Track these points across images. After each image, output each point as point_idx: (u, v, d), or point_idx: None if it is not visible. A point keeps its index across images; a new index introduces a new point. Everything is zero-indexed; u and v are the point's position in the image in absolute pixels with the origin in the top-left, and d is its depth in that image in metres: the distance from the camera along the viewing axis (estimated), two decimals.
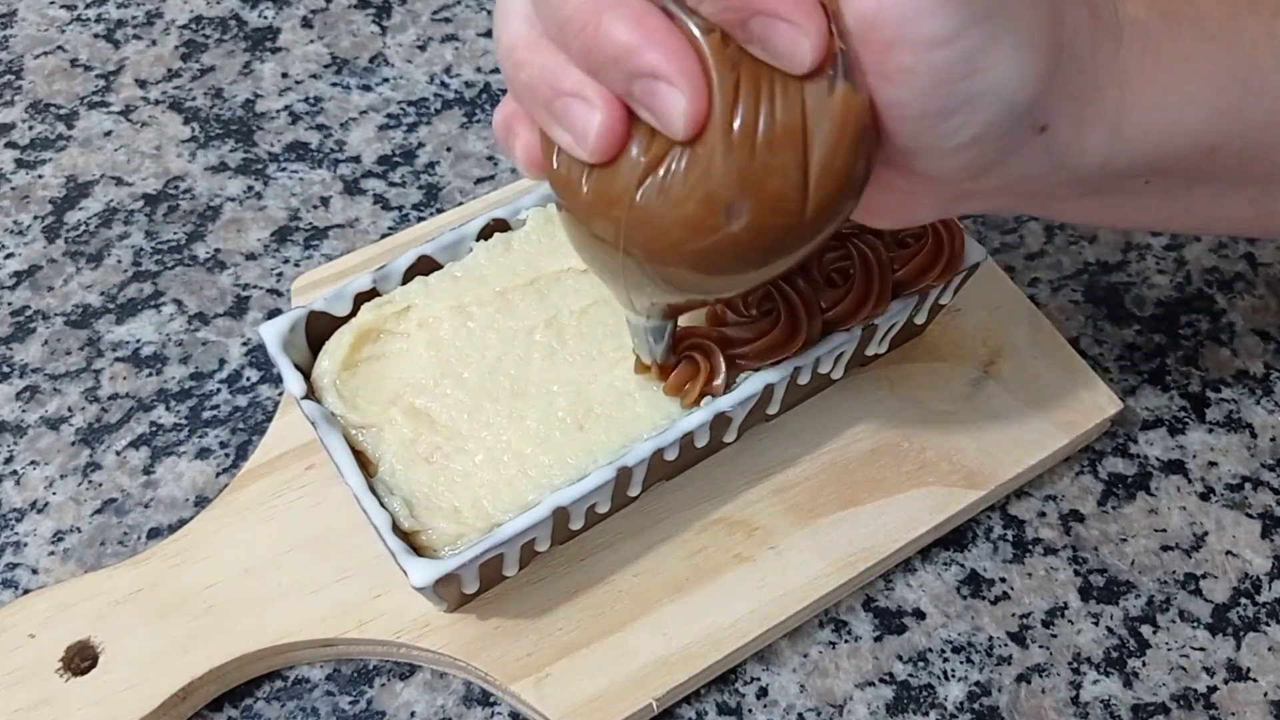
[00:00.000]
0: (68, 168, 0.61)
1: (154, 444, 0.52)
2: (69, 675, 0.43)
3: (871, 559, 0.47)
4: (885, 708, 0.46)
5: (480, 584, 0.43)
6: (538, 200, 0.49)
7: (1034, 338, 0.53)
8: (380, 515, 0.41)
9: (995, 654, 0.47)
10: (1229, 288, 0.58)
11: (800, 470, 0.49)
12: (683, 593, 0.46)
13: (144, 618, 0.45)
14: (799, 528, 0.47)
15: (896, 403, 0.51)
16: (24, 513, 0.50)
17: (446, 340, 0.45)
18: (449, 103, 0.64)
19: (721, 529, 0.47)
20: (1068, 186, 0.37)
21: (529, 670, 0.44)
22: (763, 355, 0.44)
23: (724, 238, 0.31)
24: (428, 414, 0.44)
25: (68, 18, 0.66)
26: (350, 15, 0.67)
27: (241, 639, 0.44)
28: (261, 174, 0.61)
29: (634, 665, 0.44)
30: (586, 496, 0.42)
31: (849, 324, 0.45)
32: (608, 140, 0.31)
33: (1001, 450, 0.50)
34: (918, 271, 0.46)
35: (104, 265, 0.57)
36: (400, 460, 0.43)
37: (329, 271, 0.54)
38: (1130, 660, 0.47)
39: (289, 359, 0.44)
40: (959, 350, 0.52)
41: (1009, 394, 0.51)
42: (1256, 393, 0.54)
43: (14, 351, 0.55)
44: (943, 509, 0.48)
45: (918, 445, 0.50)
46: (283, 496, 0.48)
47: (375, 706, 0.46)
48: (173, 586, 0.45)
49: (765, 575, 0.46)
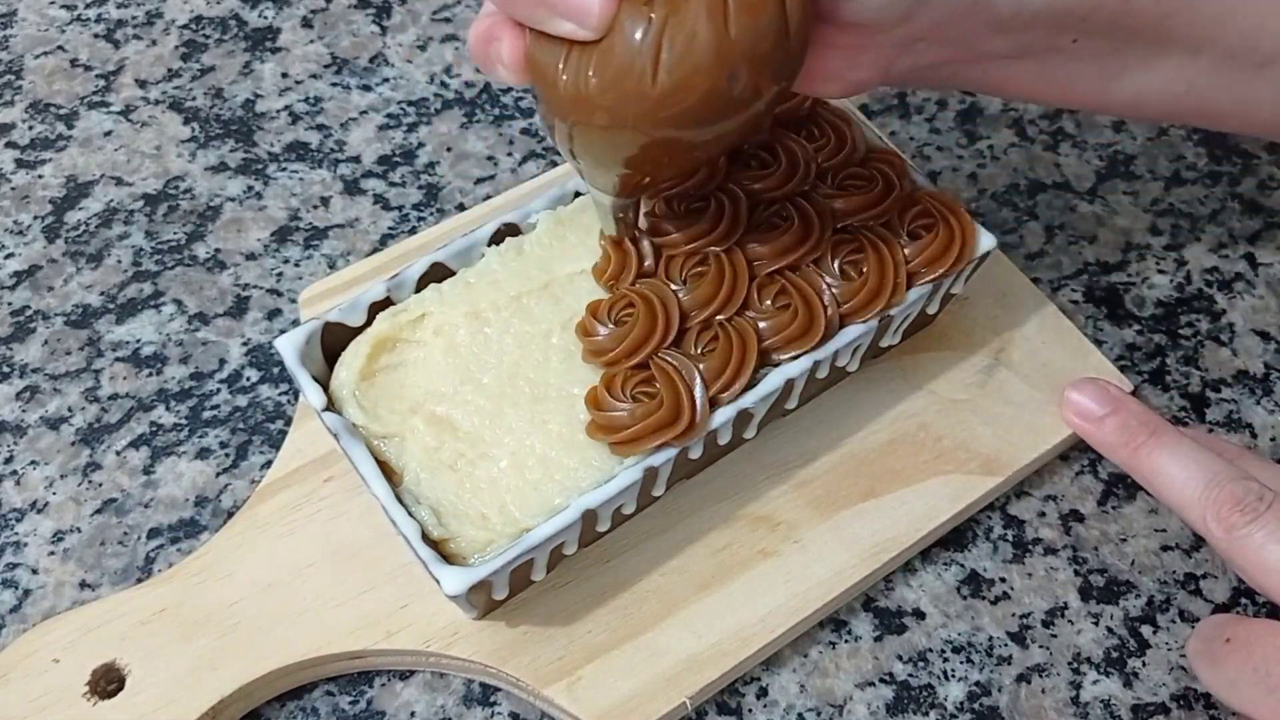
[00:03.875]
0: (68, 168, 0.60)
1: (154, 444, 0.52)
2: (96, 699, 0.43)
3: (895, 549, 0.47)
4: (885, 708, 0.46)
5: (510, 589, 0.43)
6: (548, 203, 0.49)
7: (1042, 323, 0.53)
8: (409, 525, 0.41)
9: (995, 654, 0.47)
10: (1229, 287, 0.58)
11: (820, 464, 0.49)
12: (710, 590, 0.46)
13: (170, 637, 0.44)
14: (821, 520, 0.48)
15: (911, 393, 0.51)
16: (24, 513, 0.50)
17: (464, 346, 0.45)
18: (449, 103, 0.63)
19: (745, 525, 0.47)
20: (996, 35, 0.40)
21: (561, 674, 0.44)
22: (781, 349, 0.45)
23: (723, 95, 0.36)
24: (449, 421, 0.44)
25: (68, 18, 0.66)
26: (350, 15, 0.67)
27: (269, 655, 0.44)
28: (261, 174, 0.60)
29: (665, 665, 0.44)
30: (614, 498, 0.42)
31: (865, 316, 0.46)
32: (608, 10, 0.35)
33: (1017, 436, 0.50)
34: (930, 261, 0.47)
35: (104, 265, 0.57)
36: (425, 469, 0.43)
37: (336, 281, 0.54)
38: (1130, 660, 0.47)
39: (307, 372, 0.44)
40: (969, 339, 0.53)
41: (1021, 380, 0.52)
42: (1256, 393, 0.55)
43: (14, 351, 0.54)
44: (962, 496, 0.48)
45: (934, 434, 0.50)
46: (302, 510, 0.47)
47: (375, 706, 0.46)
48: (196, 605, 0.45)
49: (791, 569, 0.46)
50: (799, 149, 0.49)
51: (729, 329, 0.44)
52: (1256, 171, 0.62)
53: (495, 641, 0.45)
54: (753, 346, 0.44)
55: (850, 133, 0.50)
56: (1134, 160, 0.62)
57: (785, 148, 0.49)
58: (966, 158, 0.62)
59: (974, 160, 0.62)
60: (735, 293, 0.45)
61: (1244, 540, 0.42)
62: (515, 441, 0.43)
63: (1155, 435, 0.46)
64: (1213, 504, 0.43)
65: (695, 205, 0.47)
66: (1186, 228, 0.60)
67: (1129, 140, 0.63)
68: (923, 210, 0.48)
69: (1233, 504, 0.42)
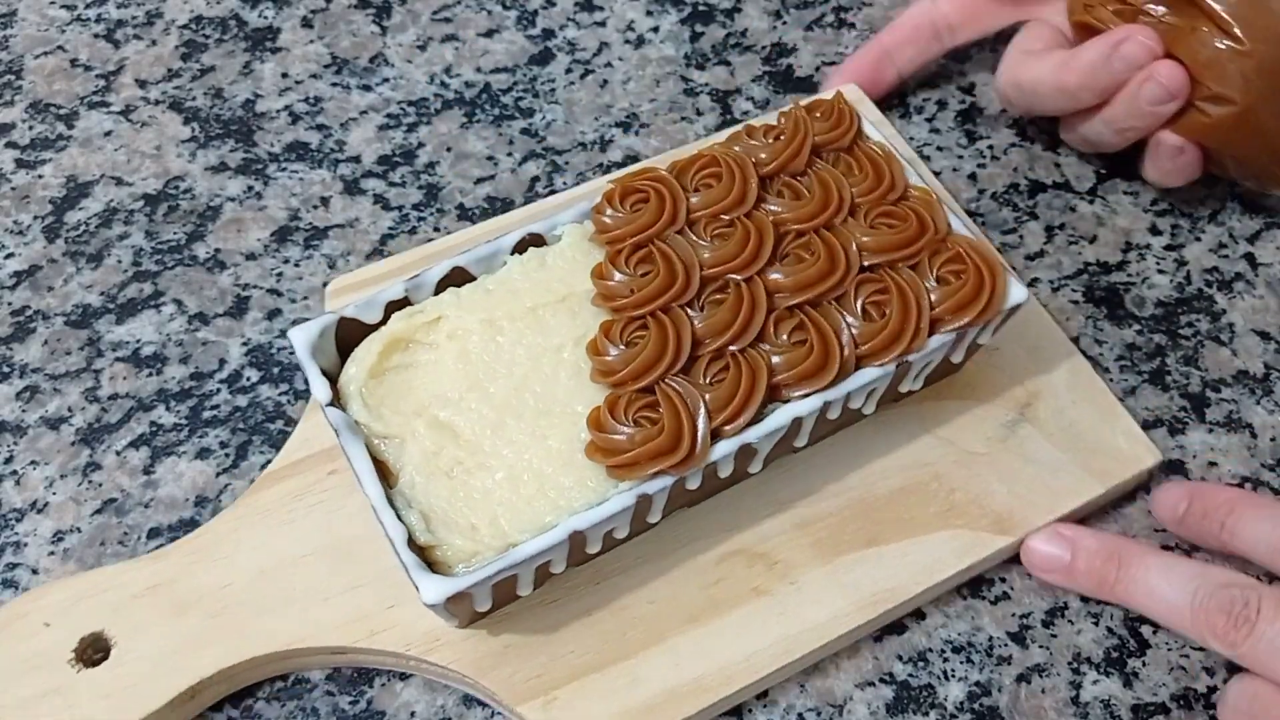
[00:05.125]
0: (68, 168, 0.61)
1: (154, 444, 0.52)
2: (80, 666, 0.43)
3: (893, 600, 0.46)
4: (885, 708, 0.46)
5: (493, 602, 0.43)
6: (575, 216, 0.48)
7: (1073, 381, 0.52)
8: (396, 528, 0.41)
9: (995, 654, 0.47)
10: (1229, 287, 0.57)
11: (826, 505, 0.48)
12: (698, 623, 0.45)
13: (159, 614, 0.45)
14: (820, 564, 0.47)
15: (928, 441, 0.50)
16: (24, 513, 0.50)
17: (475, 353, 0.45)
18: (449, 103, 0.63)
19: (741, 560, 0.47)
20: None
21: (537, 692, 0.43)
22: (792, 386, 0.44)
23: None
24: (451, 427, 0.44)
25: (68, 18, 0.67)
26: (350, 15, 0.67)
27: (253, 642, 0.44)
28: (261, 174, 0.61)
29: (644, 694, 0.44)
30: (605, 521, 0.41)
31: (882, 359, 0.44)
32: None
33: (1033, 496, 0.48)
34: (956, 309, 0.46)
35: (104, 265, 0.57)
36: (421, 473, 0.43)
37: (366, 275, 0.54)
38: (1130, 660, 0.47)
39: (316, 365, 0.44)
40: (996, 391, 0.51)
41: (1044, 438, 0.50)
42: (1256, 393, 0.54)
43: (14, 351, 0.55)
44: (969, 553, 0.47)
45: (947, 486, 0.49)
46: (303, 500, 0.48)
47: (375, 706, 0.46)
48: (189, 584, 0.45)
49: (783, 610, 0.46)
50: (834, 181, 0.48)
51: (741, 360, 0.44)
52: None
53: (476, 652, 0.44)
54: (762, 380, 0.43)
55: (890, 169, 0.49)
56: (1134, 160, 0.61)
57: (820, 179, 0.48)
58: (966, 157, 0.62)
59: (974, 160, 0.62)
60: (751, 323, 0.44)
61: (1254, 648, 0.41)
62: (514, 454, 0.43)
63: (1123, 566, 0.46)
64: (1206, 624, 0.42)
65: (721, 230, 0.47)
66: (1186, 227, 0.59)
67: None
68: (955, 256, 0.47)
69: (1225, 618, 0.42)
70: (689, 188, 0.48)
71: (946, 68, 0.65)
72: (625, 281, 0.45)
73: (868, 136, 0.51)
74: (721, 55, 0.66)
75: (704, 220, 0.47)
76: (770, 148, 0.49)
